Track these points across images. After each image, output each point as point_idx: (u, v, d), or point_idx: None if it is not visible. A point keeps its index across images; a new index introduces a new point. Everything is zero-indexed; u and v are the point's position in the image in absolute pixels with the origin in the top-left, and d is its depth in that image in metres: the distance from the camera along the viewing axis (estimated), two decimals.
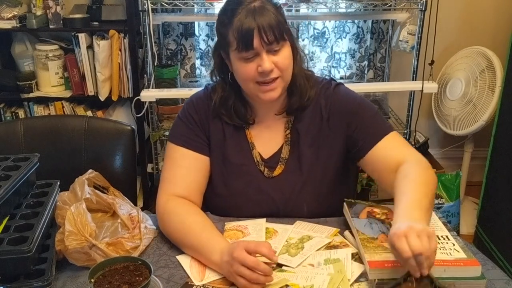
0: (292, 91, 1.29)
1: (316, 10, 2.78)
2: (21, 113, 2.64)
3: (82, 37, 2.48)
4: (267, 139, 1.33)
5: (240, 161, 1.32)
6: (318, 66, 3.02)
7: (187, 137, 1.31)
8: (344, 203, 1.27)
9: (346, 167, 1.36)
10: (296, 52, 1.27)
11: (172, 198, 1.26)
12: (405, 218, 0.98)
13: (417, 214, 1.00)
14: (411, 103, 2.59)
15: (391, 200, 1.26)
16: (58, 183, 1.27)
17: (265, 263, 1.00)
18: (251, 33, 1.15)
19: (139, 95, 2.43)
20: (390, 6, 2.52)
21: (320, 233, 1.21)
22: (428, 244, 0.91)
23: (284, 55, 1.21)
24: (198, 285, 1.04)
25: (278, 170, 1.32)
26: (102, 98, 2.58)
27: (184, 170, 1.30)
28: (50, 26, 2.50)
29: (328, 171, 1.32)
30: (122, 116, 2.65)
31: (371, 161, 1.27)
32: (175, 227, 1.20)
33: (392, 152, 1.25)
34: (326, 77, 1.47)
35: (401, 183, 1.12)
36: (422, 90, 2.48)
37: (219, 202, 1.34)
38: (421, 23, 2.46)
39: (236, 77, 1.26)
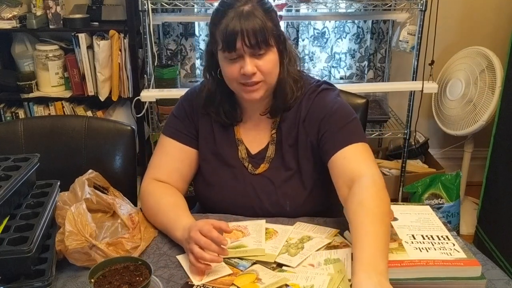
0: (276, 94, 1.31)
1: (316, 10, 2.78)
2: (21, 113, 2.65)
3: (82, 37, 2.48)
4: (254, 137, 1.37)
5: (228, 154, 1.37)
6: (318, 66, 3.03)
7: (176, 130, 1.38)
8: None
9: (325, 169, 1.30)
10: (284, 56, 1.28)
11: (153, 182, 1.35)
12: (371, 268, 0.96)
13: (383, 265, 0.97)
14: (411, 103, 2.59)
15: (391, 201, 1.26)
16: (58, 183, 1.26)
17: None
18: (235, 35, 1.19)
19: (139, 95, 2.43)
20: (390, 6, 2.52)
21: (320, 233, 1.22)
22: None
23: (268, 59, 1.23)
24: (198, 285, 1.04)
25: (262, 168, 1.35)
26: (102, 98, 2.58)
27: (169, 158, 1.37)
28: (50, 26, 2.50)
29: (307, 171, 1.33)
30: (122, 116, 2.66)
31: (331, 167, 1.25)
32: (151, 206, 1.30)
33: (350, 164, 1.22)
34: (323, 79, 1.46)
35: (358, 215, 1.08)
36: (422, 90, 2.49)
37: (209, 192, 1.38)
38: (421, 23, 2.46)
39: (223, 75, 1.29)
